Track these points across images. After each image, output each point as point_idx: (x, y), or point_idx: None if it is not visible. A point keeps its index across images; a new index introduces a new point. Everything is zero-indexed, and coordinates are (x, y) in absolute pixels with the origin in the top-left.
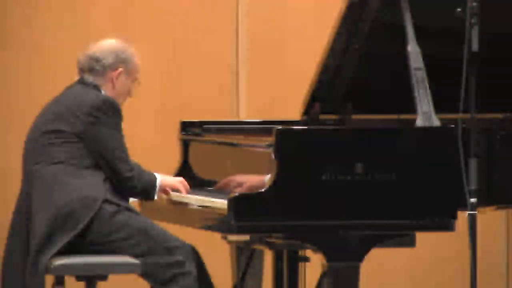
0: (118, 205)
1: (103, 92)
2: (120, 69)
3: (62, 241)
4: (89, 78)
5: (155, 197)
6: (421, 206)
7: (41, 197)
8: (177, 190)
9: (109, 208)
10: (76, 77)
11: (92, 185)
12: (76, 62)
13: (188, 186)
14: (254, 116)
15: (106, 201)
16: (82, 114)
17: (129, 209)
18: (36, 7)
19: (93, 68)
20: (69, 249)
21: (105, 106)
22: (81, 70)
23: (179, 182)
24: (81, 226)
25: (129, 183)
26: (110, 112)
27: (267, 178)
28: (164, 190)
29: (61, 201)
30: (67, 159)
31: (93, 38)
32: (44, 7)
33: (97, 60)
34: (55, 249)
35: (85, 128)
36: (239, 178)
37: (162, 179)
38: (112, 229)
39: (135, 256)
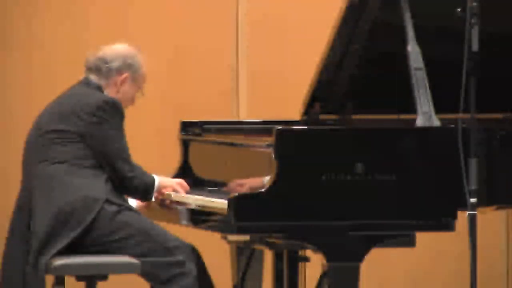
0: (119, 205)
1: (106, 94)
2: (126, 74)
3: (62, 242)
4: (94, 78)
5: (152, 199)
6: (421, 206)
7: (42, 196)
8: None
9: (110, 208)
10: (81, 76)
11: (94, 185)
12: (83, 62)
13: (187, 187)
14: (254, 116)
15: (107, 201)
16: (85, 114)
17: (130, 209)
18: (36, 7)
19: (99, 69)
20: (69, 249)
21: (108, 106)
22: (88, 70)
23: (178, 183)
24: (82, 226)
25: (130, 183)
26: (113, 112)
27: (266, 179)
28: (160, 192)
29: (62, 201)
30: (69, 159)
31: (93, 38)
32: (44, 7)
33: (104, 62)
34: (55, 249)
35: (88, 128)
36: (240, 180)
37: (161, 180)
38: (113, 229)
39: (136, 256)
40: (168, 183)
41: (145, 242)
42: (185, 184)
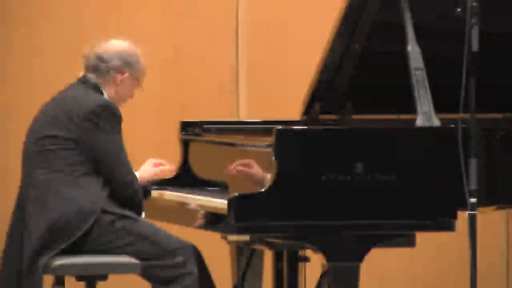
0: (115, 214)
1: (104, 93)
2: (126, 74)
3: (56, 249)
4: (92, 77)
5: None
6: (421, 206)
7: (36, 208)
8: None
9: (107, 217)
10: (80, 73)
11: (89, 195)
12: (80, 58)
13: (166, 165)
14: (254, 116)
15: (103, 211)
16: (79, 119)
17: (126, 216)
18: (36, 7)
19: (98, 68)
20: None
21: (102, 110)
22: (86, 67)
23: (159, 171)
24: (76, 236)
25: (130, 186)
26: (108, 116)
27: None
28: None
29: (56, 214)
30: (64, 166)
31: (93, 38)
32: (44, 7)
33: (103, 61)
34: (50, 255)
35: (81, 134)
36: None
37: (140, 174)
38: (112, 238)
39: (137, 259)
40: (149, 174)
41: (145, 248)
42: (162, 164)
